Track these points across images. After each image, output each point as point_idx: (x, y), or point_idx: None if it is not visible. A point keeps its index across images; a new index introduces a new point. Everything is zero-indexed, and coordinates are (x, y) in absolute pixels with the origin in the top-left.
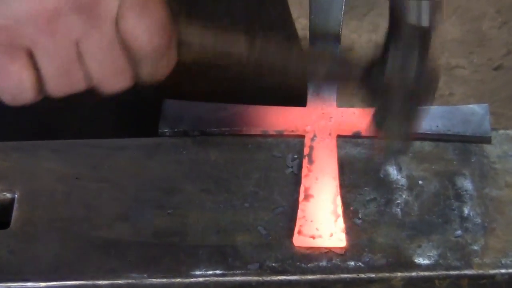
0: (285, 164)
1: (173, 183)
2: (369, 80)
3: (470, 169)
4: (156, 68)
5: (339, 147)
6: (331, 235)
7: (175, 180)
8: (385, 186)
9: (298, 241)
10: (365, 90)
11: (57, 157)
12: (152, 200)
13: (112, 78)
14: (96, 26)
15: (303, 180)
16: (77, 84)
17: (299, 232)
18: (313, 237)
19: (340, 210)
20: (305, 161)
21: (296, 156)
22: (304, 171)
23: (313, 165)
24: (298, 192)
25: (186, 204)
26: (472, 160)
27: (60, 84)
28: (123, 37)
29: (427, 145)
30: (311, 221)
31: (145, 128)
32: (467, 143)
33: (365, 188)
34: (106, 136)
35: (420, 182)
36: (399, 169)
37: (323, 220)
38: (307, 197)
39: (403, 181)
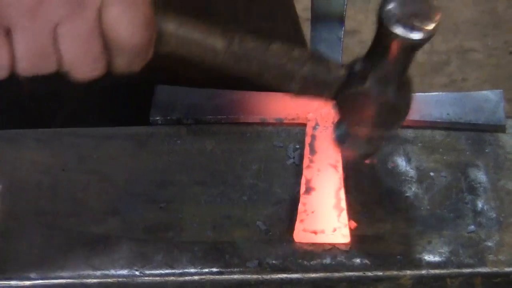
0: (286, 154)
1: (166, 175)
2: (344, 91)
3: (484, 160)
4: (132, 62)
5: None
6: (334, 230)
7: (168, 172)
8: (394, 178)
9: (299, 236)
10: (338, 101)
11: (41, 147)
12: (144, 193)
13: (84, 66)
14: (78, 12)
15: (305, 172)
16: (48, 67)
17: (300, 227)
18: (315, 232)
19: (344, 203)
20: (307, 151)
21: (298, 146)
22: (306, 162)
23: (315, 156)
24: (299, 185)
25: (180, 198)
26: (486, 150)
27: (31, 64)
28: (104, 28)
29: (438, 134)
30: (313, 215)
31: (136, 116)
32: (480, 132)
33: (373, 181)
34: (94, 125)
35: (431, 173)
36: (408, 160)
37: (325, 215)
38: (308, 189)
39: (412, 172)
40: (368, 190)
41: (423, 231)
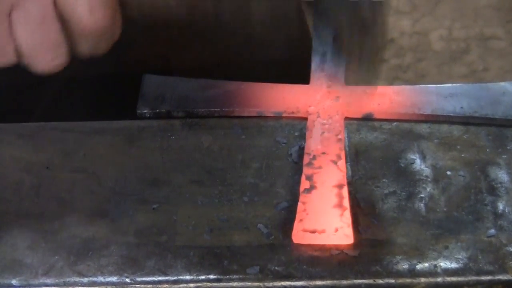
0: (290, 151)
1: (159, 173)
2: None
3: (506, 158)
4: (97, 44)
5: (353, 131)
6: (336, 230)
7: (161, 170)
8: (407, 178)
9: (298, 237)
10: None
11: (23, 142)
12: (135, 193)
13: (44, 54)
14: None
15: (305, 169)
16: (7, 59)
17: (299, 227)
18: (316, 233)
19: (347, 202)
20: (307, 147)
21: (304, 143)
22: (306, 158)
23: (317, 152)
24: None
25: (174, 198)
26: (508, 148)
27: None
28: (61, 9)
29: (455, 130)
30: (313, 214)
31: (126, 109)
32: (499, 127)
33: (383, 180)
34: (80, 119)
35: (448, 172)
36: (423, 158)
37: (327, 214)
38: (309, 187)
39: (427, 171)
40: (380, 191)
41: (439, 235)
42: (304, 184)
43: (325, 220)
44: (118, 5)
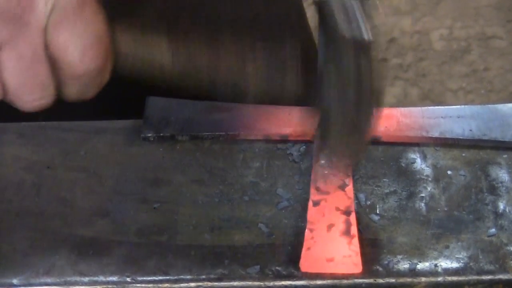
0: (290, 151)
1: (160, 173)
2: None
3: (506, 158)
4: (85, 88)
5: None
6: (345, 258)
7: (162, 169)
8: (407, 177)
9: (306, 266)
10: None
11: (24, 142)
12: (136, 192)
13: (30, 94)
14: (20, 34)
15: (312, 194)
16: None
17: (307, 256)
18: (324, 261)
19: (355, 229)
20: (314, 176)
21: (304, 145)
22: (313, 184)
23: (324, 178)
24: (303, 184)
25: (175, 198)
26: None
27: None
28: (51, 51)
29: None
30: (321, 242)
31: (126, 109)
32: (504, 150)
33: (384, 179)
34: (81, 118)
35: (448, 172)
36: (424, 157)
37: (335, 242)
38: (316, 214)
39: (428, 171)
40: (381, 190)
41: (439, 234)
42: (311, 210)
43: (333, 248)
44: (110, 51)
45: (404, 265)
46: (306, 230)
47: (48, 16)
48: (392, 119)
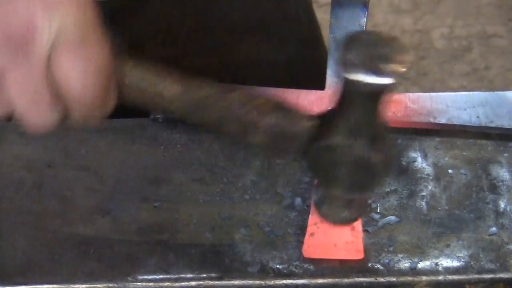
0: None
1: (161, 171)
2: (312, 146)
3: (507, 156)
4: (88, 115)
5: None
6: (347, 244)
7: (163, 168)
8: (408, 176)
9: (308, 251)
10: (307, 157)
11: (25, 141)
12: (136, 191)
13: (35, 117)
14: (24, 59)
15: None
16: None
17: (310, 241)
18: (326, 247)
19: None
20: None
21: None
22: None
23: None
24: (305, 184)
25: (176, 196)
26: (510, 145)
27: None
28: (54, 79)
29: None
30: (324, 228)
31: (128, 107)
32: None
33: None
34: None
35: (449, 171)
36: (425, 156)
37: (338, 228)
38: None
39: (429, 169)
40: (381, 189)
41: (440, 233)
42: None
43: (336, 234)
44: (114, 81)
45: (405, 264)
46: (309, 216)
47: (51, 45)
48: (400, 105)
